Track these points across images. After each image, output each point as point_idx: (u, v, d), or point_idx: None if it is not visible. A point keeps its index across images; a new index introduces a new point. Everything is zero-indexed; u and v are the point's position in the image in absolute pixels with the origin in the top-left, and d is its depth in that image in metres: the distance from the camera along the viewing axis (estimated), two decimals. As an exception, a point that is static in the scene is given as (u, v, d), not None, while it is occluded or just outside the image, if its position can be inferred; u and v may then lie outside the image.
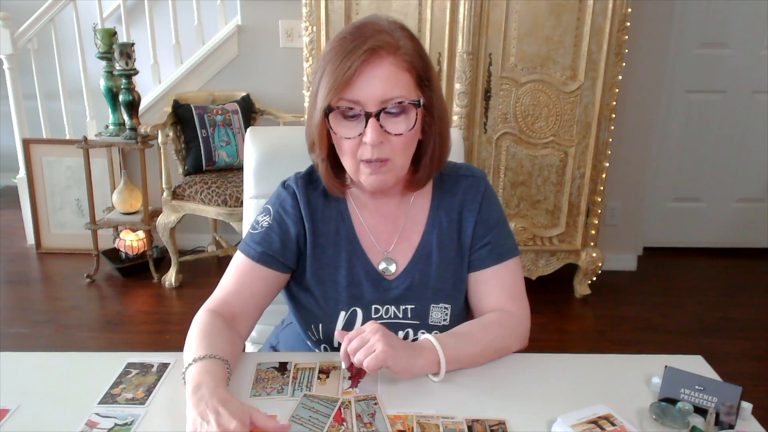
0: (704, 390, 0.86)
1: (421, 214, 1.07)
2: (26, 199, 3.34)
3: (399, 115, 0.92)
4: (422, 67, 0.94)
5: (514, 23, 2.48)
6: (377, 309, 1.04)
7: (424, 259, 1.05)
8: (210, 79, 3.21)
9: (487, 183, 1.10)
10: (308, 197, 1.05)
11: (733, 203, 3.41)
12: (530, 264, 2.82)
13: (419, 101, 0.93)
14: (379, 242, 1.06)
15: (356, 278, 1.04)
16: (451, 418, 0.85)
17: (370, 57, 0.89)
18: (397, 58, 0.91)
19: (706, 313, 2.82)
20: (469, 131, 2.60)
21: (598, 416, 0.84)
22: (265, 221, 1.05)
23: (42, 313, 2.76)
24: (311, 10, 2.47)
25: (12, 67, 3.19)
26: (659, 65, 2.98)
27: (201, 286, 3.00)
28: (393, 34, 0.92)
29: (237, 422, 0.75)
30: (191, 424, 0.78)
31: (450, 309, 1.05)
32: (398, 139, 0.93)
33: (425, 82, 0.95)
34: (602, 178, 2.70)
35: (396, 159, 0.95)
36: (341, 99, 0.90)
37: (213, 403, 0.78)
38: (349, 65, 0.88)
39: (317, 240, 1.05)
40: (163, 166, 2.82)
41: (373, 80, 0.89)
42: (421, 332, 1.02)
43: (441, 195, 1.08)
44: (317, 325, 1.05)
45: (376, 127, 0.90)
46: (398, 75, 0.91)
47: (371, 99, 0.90)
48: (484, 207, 1.07)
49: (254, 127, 1.37)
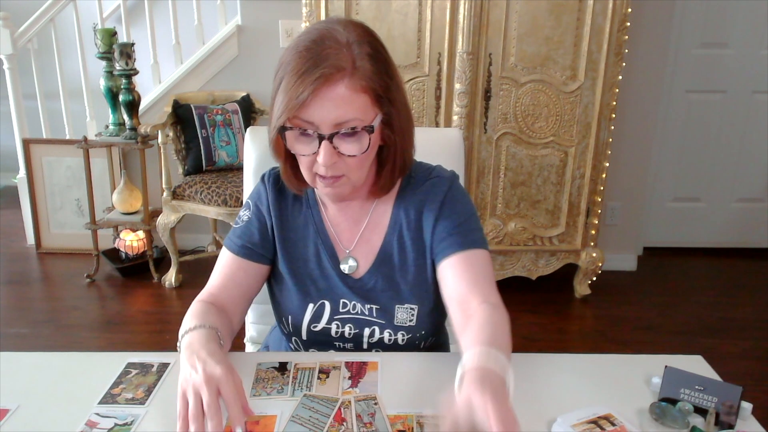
0: (704, 390, 0.86)
1: (384, 216, 1.07)
2: (26, 199, 3.34)
3: (353, 135, 0.91)
4: (381, 84, 0.91)
5: (514, 23, 2.48)
6: (345, 303, 1.05)
7: (386, 261, 1.06)
8: (210, 79, 3.21)
9: (453, 183, 1.07)
10: (277, 192, 1.08)
11: (733, 203, 3.41)
12: (530, 264, 2.82)
13: (371, 127, 0.92)
14: (342, 240, 1.08)
15: (325, 272, 1.06)
16: (451, 418, 0.85)
17: (323, 83, 0.87)
18: (352, 80, 0.88)
19: (706, 313, 2.82)
20: (469, 131, 2.60)
21: (598, 416, 0.84)
22: (245, 215, 1.10)
23: (42, 313, 2.76)
24: (311, 10, 2.47)
25: (12, 67, 3.19)
26: (659, 65, 2.98)
27: (201, 286, 2.97)
28: (351, 50, 0.89)
29: (222, 367, 0.80)
30: (181, 377, 0.82)
31: (417, 309, 1.04)
32: (351, 159, 0.93)
33: (384, 99, 0.93)
34: (602, 178, 2.70)
35: (351, 175, 0.95)
36: (296, 118, 0.90)
37: (201, 354, 0.83)
38: (302, 90, 0.86)
39: (286, 234, 1.08)
40: (163, 166, 2.82)
41: (326, 103, 0.87)
42: (387, 332, 1.04)
43: (404, 196, 1.07)
44: (287, 317, 1.07)
45: (329, 149, 0.90)
46: (353, 97, 0.88)
47: (324, 122, 0.89)
48: (446, 206, 1.04)
49: (254, 127, 1.37)
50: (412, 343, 1.06)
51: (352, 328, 1.05)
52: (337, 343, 1.06)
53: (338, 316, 1.05)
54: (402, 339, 1.05)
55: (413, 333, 1.05)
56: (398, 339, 1.05)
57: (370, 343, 1.05)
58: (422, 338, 1.07)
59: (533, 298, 2.90)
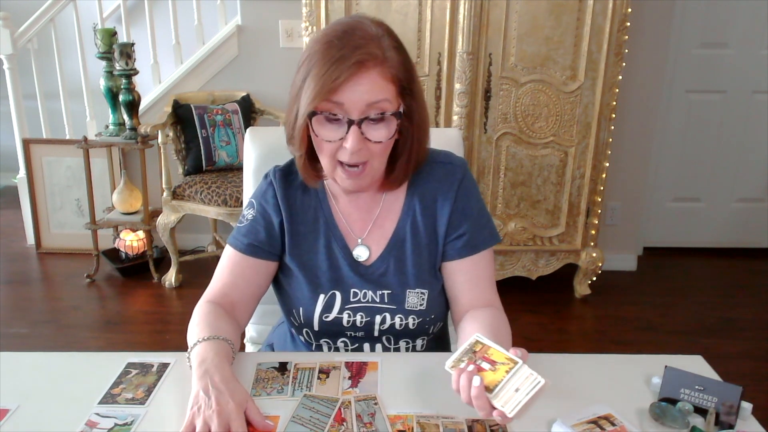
0: (704, 390, 0.86)
1: (397, 202, 1.09)
2: (26, 199, 3.34)
3: (379, 122, 0.94)
4: (405, 77, 0.96)
5: (514, 23, 2.48)
6: (356, 293, 1.06)
7: (398, 245, 1.07)
8: (210, 79, 3.21)
9: (466, 171, 1.10)
10: (286, 188, 1.09)
11: (733, 203, 3.41)
12: (530, 264, 2.82)
13: (400, 113, 0.96)
14: (354, 230, 1.09)
15: (335, 262, 1.07)
16: (451, 418, 0.85)
17: (360, 68, 0.90)
18: (383, 69, 0.92)
19: (706, 313, 2.82)
20: (469, 131, 2.60)
21: (598, 416, 0.84)
22: (250, 214, 1.10)
23: (42, 313, 2.76)
24: (311, 10, 2.47)
25: (12, 67, 3.19)
26: (659, 65, 2.98)
27: (201, 286, 2.98)
28: (381, 42, 0.93)
29: (234, 404, 0.81)
30: (193, 398, 0.83)
31: (427, 294, 1.06)
32: (377, 146, 0.95)
33: (407, 91, 0.97)
34: (602, 178, 2.70)
35: (373, 162, 0.97)
36: (327, 102, 0.92)
37: (216, 379, 0.84)
38: (337, 75, 0.89)
39: (296, 228, 1.08)
40: (163, 166, 2.82)
41: (358, 87, 0.91)
42: (398, 317, 1.05)
43: (416, 181, 1.09)
44: (298, 309, 1.07)
45: (357, 135, 0.92)
46: (382, 85, 0.92)
47: (355, 105, 0.91)
48: (460, 196, 1.07)
49: (254, 127, 1.37)
50: (422, 327, 1.07)
51: (363, 316, 1.05)
52: (348, 332, 1.07)
53: (349, 305, 1.06)
54: (413, 323, 1.05)
55: (424, 317, 1.06)
56: (409, 323, 1.05)
57: (381, 330, 1.06)
58: (432, 322, 1.08)
59: (533, 298, 2.90)
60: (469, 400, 0.77)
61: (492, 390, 0.75)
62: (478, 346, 0.82)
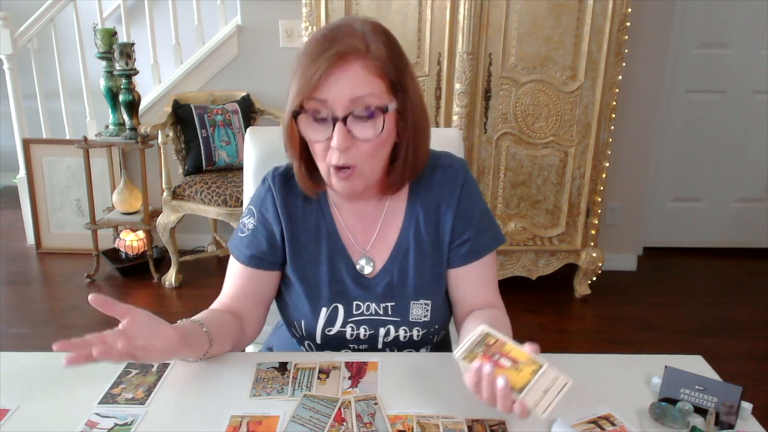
0: (704, 390, 0.86)
1: (399, 210, 1.06)
2: (26, 199, 3.34)
3: (367, 120, 0.90)
4: (395, 72, 0.92)
5: (514, 23, 2.48)
6: (359, 305, 1.04)
7: (401, 256, 1.05)
8: (210, 79, 3.21)
9: (467, 174, 1.07)
10: (286, 196, 1.05)
11: (733, 203, 3.41)
12: (530, 264, 2.82)
13: (386, 107, 0.91)
14: (357, 242, 1.06)
15: (338, 275, 1.04)
16: (451, 418, 0.85)
17: (337, 61, 0.87)
18: (366, 62, 0.89)
19: (706, 313, 2.82)
20: (469, 131, 2.60)
21: (598, 416, 0.84)
22: (250, 223, 1.07)
23: (42, 313, 2.76)
24: (311, 10, 2.47)
25: (12, 67, 3.19)
26: (659, 65, 2.98)
27: (201, 286, 3.00)
28: (365, 37, 0.90)
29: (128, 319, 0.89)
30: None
31: (431, 304, 1.04)
32: (365, 145, 0.91)
33: (399, 88, 0.93)
34: (602, 178, 2.70)
35: (363, 165, 0.93)
36: (310, 100, 0.89)
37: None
38: (316, 69, 0.87)
39: (297, 237, 1.05)
40: (163, 166, 2.82)
41: (340, 81, 0.88)
42: (402, 329, 1.04)
43: (418, 187, 1.06)
44: (299, 321, 1.06)
45: (343, 132, 0.89)
46: (367, 78, 0.89)
47: (339, 100, 0.88)
48: (463, 200, 1.05)
49: (254, 127, 1.37)
50: (426, 338, 1.06)
51: (367, 329, 1.04)
52: (352, 345, 1.06)
53: (352, 318, 1.04)
54: (417, 335, 1.04)
55: (428, 328, 1.05)
56: (413, 335, 1.04)
57: (385, 342, 1.05)
58: (436, 332, 1.07)
59: (533, 298, 2.90)
60: (490, 397, 0.76)
61: (521, 390, 0.74)
62: (490, 339, 0.81)
